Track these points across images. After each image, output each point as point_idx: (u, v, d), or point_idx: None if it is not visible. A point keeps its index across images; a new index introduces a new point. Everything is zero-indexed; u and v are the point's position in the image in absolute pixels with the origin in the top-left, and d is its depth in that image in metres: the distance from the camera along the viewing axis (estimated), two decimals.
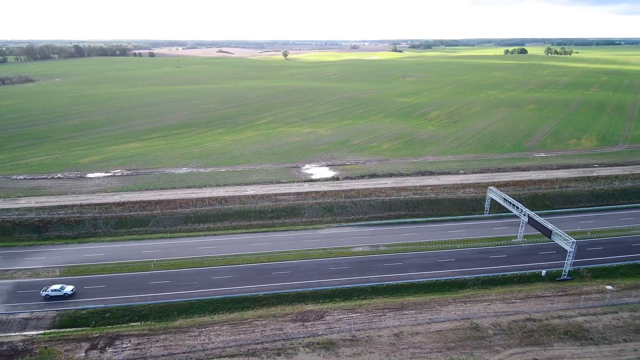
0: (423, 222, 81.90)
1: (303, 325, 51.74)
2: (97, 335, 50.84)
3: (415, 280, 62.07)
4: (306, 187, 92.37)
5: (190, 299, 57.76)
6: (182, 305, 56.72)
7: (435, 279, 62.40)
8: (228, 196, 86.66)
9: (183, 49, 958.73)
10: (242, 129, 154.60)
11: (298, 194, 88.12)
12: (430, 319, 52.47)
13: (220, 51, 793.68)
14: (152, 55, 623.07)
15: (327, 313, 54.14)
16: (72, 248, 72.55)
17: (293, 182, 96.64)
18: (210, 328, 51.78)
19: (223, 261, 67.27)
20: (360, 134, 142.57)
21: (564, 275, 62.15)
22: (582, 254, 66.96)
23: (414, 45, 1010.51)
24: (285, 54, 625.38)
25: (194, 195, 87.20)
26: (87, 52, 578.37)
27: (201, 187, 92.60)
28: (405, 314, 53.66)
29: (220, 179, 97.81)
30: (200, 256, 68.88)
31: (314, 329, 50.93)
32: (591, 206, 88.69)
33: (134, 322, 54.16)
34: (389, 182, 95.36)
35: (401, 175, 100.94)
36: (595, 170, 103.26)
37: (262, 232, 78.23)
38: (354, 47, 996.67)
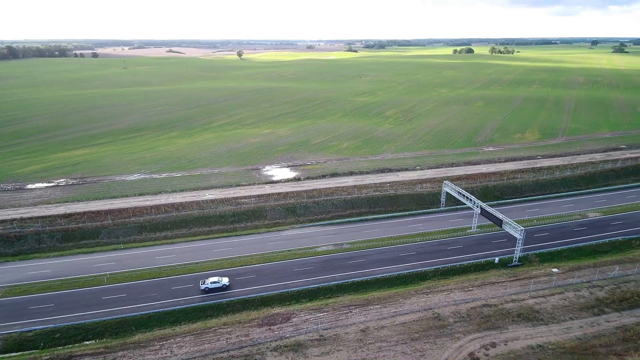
0: (384, 218, 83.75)
1: (270, 329, 51.02)
2: (47, 357, 46.99)
3: (379, 275, 63.31)
4: (267, 189, 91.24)
5: (149, 311, 55.01)
6: (140, 318, 53.89)
7: (398, 272, 64.03)
8: (185, 202, 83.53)
9: (129, 48, 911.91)
10: (197, 132, 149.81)
11: (259, 196, 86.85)
12: (394, 312, 53.70)
13: (171, 51, 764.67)
14: (95, 55, 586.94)
15: (294, 315, 53.79)
16: (13, 266, 66.52)
17: (254, 184, 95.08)
18: (172, 340, 49.62)
19: (183, 270, 64.73)
20: (320, 134, 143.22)
21: (515, 261, 66.17)
22: (530, 240, 71.71)
23: (368, 45, 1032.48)
24: (239, 54, 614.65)
25: (148, 203, 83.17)
26: (21, 53, 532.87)
27: (156, 194, 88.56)
28: (371, 309, 54.56)
29: (176, 185, 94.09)
30: (158, 266, 65.79)
31: (281, 332, 50.37)
32: (536, 195, 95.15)
33: (87, 340, 50.69)
34: (350, 181, 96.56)
35: (361, 173, 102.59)
36: (539, 161, 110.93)
37: (224, 237, 76.22)
38: (310, 47, 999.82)
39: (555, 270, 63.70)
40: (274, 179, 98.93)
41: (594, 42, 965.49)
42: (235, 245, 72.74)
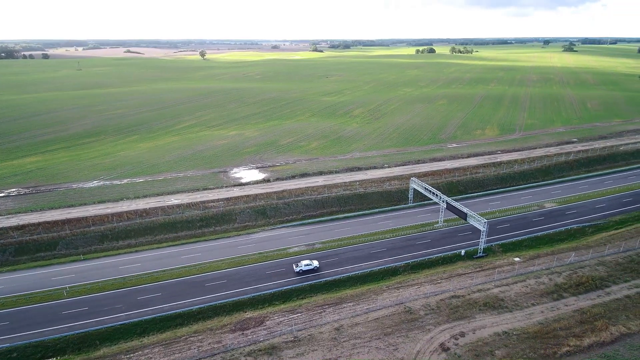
0: (354, 217, 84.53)
1: (243, 334, 50.12)
2: None
3: (352, 273, 63.83)
4: (236, 192, 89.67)
5: (113, 324, 52.51)
6: (104, 332, 51.34)
7: (370, 269, 64.83)
8: (149, 208, 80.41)
9: (84, 49, 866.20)
10: (160, 135, 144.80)
11: (228, 199, 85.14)
12: (367, 308, 54.30)
13: (129, 51, 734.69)
14: (46, 56, 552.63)
15: (267, 318, 53.15)
16: None
17: (222, 187, 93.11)
18: (140, 352, 47.61)
19: (149, 278, 62.30)
20: (288, 134, 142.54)
21: (480, 252, 68.82)
22: (493, 232, 74.86)
23: (334, 45, 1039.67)
24: (202, 54, 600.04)
25: (109, 211, 79.40)
26: None
27: (117, 201, 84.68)
28: (344, 307, 54.87)
29: (138, 190, 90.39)
30: (122, 276, 62.94)
31: (254, 336, 49.61)
32: (497, 188, 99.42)
33: (47, 358, 47.79)
34: (319, 180, 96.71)
35: (331, 172, 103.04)
36: (499, 156, 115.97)
37: (192, 242, 74.08)
38: (275, 47, 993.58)
39: (517, 259, 66.79)
40: (243, 181, 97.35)
41: (546, 42, 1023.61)
42: (204, 251, 70.91)
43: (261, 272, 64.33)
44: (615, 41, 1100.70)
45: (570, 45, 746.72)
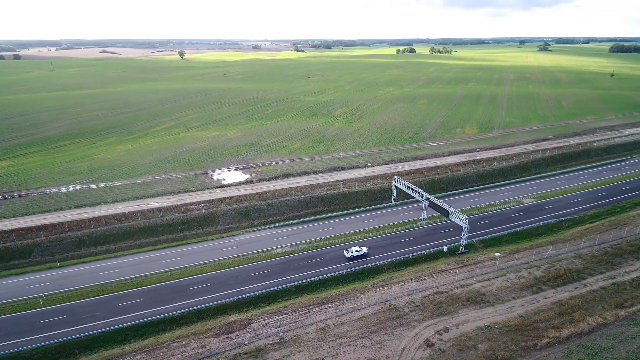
0: (339, 216, 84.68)
1: (228, 337, 49.45)
2: None
3: (337, 272, 63.89)
4: (218, 194, 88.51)
5: (93, 332, 51.00)
6: (83, 340, 49.80)
7: (355, 268, 65.05)
8: (129, 212, 78.47)
9: (57, 49, 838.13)
10: (138, 137, 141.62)
11: (210, 201, 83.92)
12: (353, 307, 54.43)
13: (104, 51, 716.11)
14: (17, 57, 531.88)
15: (252, 320, 52.63)
16: None
17: (203, 189, 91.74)
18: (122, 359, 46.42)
19: (130, 284, 60.81)
20: (271, 135, 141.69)
21: (462, 248, 70.02)
22: (474, 228, 76.29)
23: (315, 45, 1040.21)
24: (181, 54, 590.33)
25: (86, 216, 77.08)
26: None
27: (94, 205, 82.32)
28: (330, 307, 54.85)
29: (117, 194, 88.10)
30: (101, 283, 61.22)
31: (239, 339, 49.03)
32: (477, 185, 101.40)
33: None
34: (303, 181, 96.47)
35: (314, 172, 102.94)
36: (478, 154, 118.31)
37: (173, 246, 72.70)
38: (256, 47, 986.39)
39: (497, 254, 68.24)
40: (225, 182, 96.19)
41: (522, 42, 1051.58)
42: (187, 254, 69.69)
43: (245, 274, 63.68)
44: (587, 41, 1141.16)
45: (545, 45, 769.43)
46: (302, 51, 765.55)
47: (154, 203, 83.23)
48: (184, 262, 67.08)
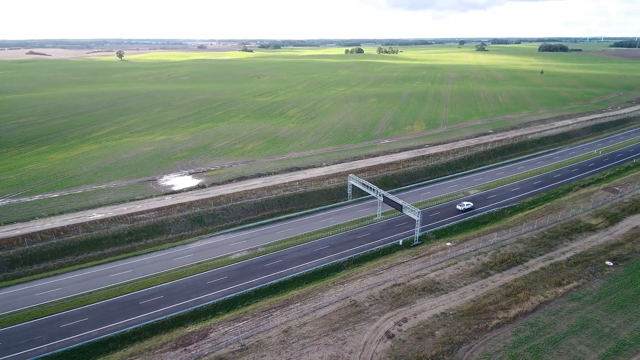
0: (296, 217, 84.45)
1: (185, 349, 47.44)
2: None
3: (297, 273, 63.66)
4: (168, 201, 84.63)
5: (33, 358, 46.60)
6: None
7: (315, 268, 65.22)
8: (67, 225, 72.45)
9: None
10: (75, 144, 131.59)
11: (159, 209, 79.92)
12: (314, 306, 54.54)
13: (32, 53, 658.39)
14: None
15: (211, 329, 50.93)
16: None
17: (151, 197, 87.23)
18: None
19: (73, 303, 56.31)
20: (222, 137, 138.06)
21: (416, 241, 72.77)
22: (426, 220, 79.64)
23: (264, 45, 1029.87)
24: (120, 55, 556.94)
25: (18, 232, 70.19)
26: None
27: (28, 220, 75.18)
28: (292, 308, 54.53)
29: (53, 207, 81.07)
30: (39, 304, 56.12)
31: (198, 350, 47.21)
32: (427, 180, 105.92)
33: None
34: (258, 183, 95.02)
35: (269, 174, 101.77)
36: (427, 149, 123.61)
37: (121, 259, 68.35)
38: (201, 47, 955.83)
39: (448, 244, 71.72)
40: (175, 188, 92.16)
41: (461, 42, 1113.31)
42: (136, 267, 65.89)
43: (201, 282, 61.47)
44: (519, 41, 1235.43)
45: (482, 45, 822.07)
46: (251, 51, 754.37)
47: (96, 214, 77.71)
48: (134, 275, 63.35)
